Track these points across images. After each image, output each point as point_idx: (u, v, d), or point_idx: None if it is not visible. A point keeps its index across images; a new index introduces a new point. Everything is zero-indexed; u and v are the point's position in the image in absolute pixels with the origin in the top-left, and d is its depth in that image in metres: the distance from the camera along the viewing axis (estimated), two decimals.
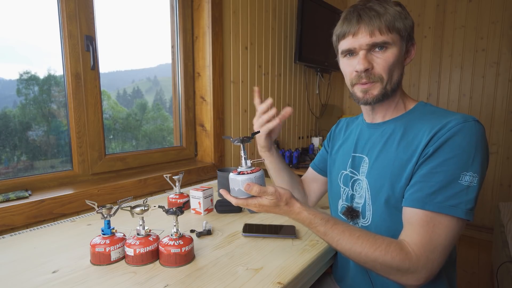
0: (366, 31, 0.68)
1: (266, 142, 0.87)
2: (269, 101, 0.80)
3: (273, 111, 0.81)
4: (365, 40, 0.68)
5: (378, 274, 0.64)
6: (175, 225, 0.71)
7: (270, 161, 0.93)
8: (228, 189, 0.68)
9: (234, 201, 0.67)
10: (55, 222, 0.99)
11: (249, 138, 0.68)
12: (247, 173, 0.63)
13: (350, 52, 0.72)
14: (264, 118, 0.81)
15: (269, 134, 0.85)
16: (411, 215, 0.63)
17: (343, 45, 0.73)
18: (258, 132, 0.80)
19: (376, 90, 0.71)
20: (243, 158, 0.67)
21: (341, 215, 0.83)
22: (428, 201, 0.61)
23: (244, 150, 0.67)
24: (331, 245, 0.67)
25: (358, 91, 0.73)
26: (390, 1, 0.70)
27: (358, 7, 0.70)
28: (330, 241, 0.66)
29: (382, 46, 0.68)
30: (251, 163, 0.67)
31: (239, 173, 0.64)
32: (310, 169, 1.05)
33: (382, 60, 0.69)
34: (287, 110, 0.80)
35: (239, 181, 0.63)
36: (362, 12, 0.69)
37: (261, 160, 0.81)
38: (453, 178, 0.61)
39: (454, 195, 0.60)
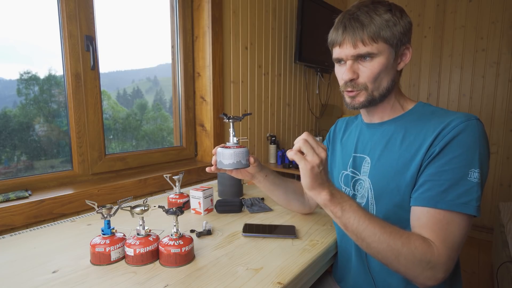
0: (350, 42, 0.69)
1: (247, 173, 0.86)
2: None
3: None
4: (349, 51, 0.70)
5: (398, 271, 0.62)
6: (175, 225, 0.71)
7: (262, 186, 0.91)
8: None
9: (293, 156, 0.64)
10: (55, 222, 0.99)
11: (238, 118, 0.79)
12: (232, 148, 0.75)
13: (339, 60, 0.75)
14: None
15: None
16: (423, 214, 0.63)
17: (334, 53, 0.75)
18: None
19: (362, 97, 0.73)
20: (231, 135, 0.77)
21: None
22: (440, 199, 0.61)
23: (233, 128, 0.78)
24: (355, 229, 0.62)
25: (346, 97, 0.76)
26: (380, 8, 0.69)
27: (346, 16, 0.71)
28: (354, 225, 0.62)
29: (367, 56, 0.69)
30: (237, 140, 0.78)
31: (225, 148, 0.75)
32: None
33: (367, 70, 0.70)
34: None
35: (225, 154, 0.75)
36: (347, 22, 0.70)
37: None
38: (461, 175, 0.61)
39: (465, 192, 0.61)
